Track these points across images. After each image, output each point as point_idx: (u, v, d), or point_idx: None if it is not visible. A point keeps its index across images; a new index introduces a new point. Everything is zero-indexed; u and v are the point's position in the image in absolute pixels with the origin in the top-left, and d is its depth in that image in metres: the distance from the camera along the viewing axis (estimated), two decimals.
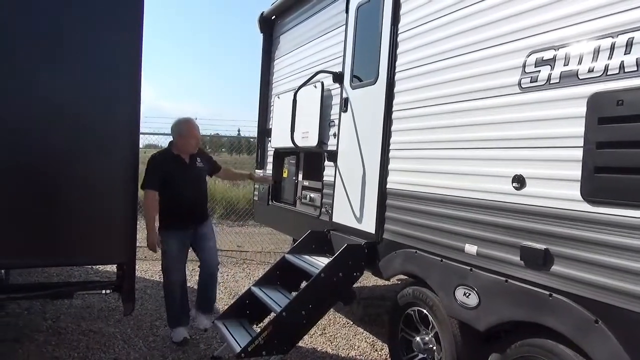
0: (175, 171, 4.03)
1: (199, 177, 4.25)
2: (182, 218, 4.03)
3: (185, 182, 4.05)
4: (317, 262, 3.89)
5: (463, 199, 2.78)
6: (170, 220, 4.00)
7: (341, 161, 4.18)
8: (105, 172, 2.94)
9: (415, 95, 3.29)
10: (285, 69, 5.57)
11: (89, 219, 2.91)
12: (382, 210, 3.55)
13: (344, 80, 4.19)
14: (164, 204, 3.96)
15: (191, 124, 4.17)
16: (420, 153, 3.21)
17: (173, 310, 4.17)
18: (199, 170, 4.23)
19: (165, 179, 3.96)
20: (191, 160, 4.16)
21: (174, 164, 4.05)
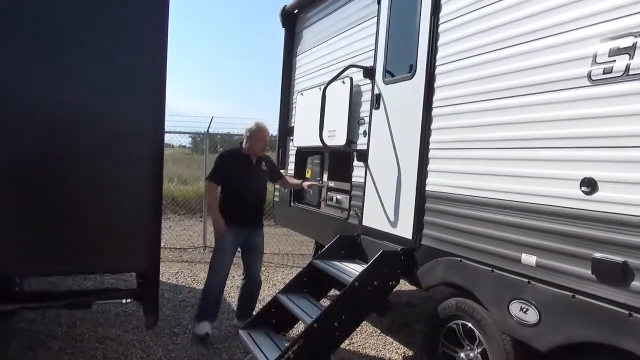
0: (241, 170, 4.19)
1: (261, 179, 4.37)
2: (239, 216, 4.14)
3: (247, 181, 4.20)
4: (348, 268, 3.65)
5: (520, 204, 2.52)
6: (228, 215, 4.12)
7: (372, 161, 3.93)
8: (126, 173, 2.72)
9: (460, 90, 3.03)
10: (309, 65, 5.33)
11: (107, 223, 2.69)
12: (420, 215, 3.30)
13: (376, 76, 3.94)
14: (225, 200, 4.20)
15: (262, 128, 4.27)
16: (467, 153, 2.94)
17: (205, 304, 4.20)
18: (262, 174, 4.37)
19: (229, 175, 4.17)
20: (257, 162, 4.30)
21: (241, 162, 4.22)
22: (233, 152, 4.39)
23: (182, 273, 6.69)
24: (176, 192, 12.68)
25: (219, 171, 4.23)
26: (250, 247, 4.29)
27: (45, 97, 2.64)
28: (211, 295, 4.18)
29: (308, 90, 5.17)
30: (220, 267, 4.19)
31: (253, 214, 4.26)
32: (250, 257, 4.32)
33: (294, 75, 5.76)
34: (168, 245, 8.66)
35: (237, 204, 4.15)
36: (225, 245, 4.15)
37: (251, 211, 4.23)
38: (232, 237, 4.14)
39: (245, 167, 4.21)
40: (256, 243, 4.30)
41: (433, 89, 3.27)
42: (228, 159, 4.30)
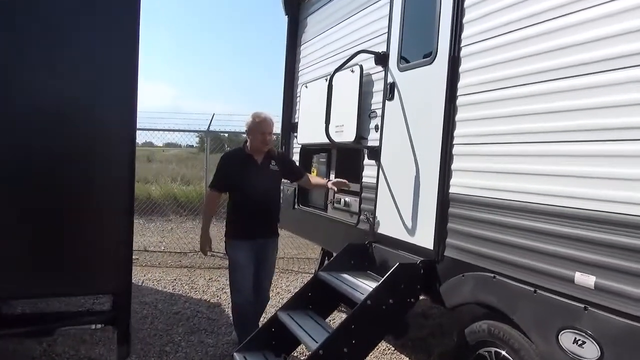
0: (244, 172, 3.67)
1: (270, 181, 3.79)
2: (248, 226, 3.65)
3: (253, 185, 3.65)
4: (359, 282, 3.18)
5: (574, 210, 2.04)
6: (236, 227, 3.69)
7: (386, 159, 3.46)
8: (93, 187, 2.28)
9: (490, 74, 2.56)
10: (314, 55, 4.87)
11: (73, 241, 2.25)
12: (443, 221, 2.82)
13: (389, 62, 3.47)
14: (231, 208, 3.74)
15: (260, 117, 3.73)
16: (500, 149, 2.47)
17: (240, 327, 3.72)
18: (272, 174, 3.79)
19: (232, 180, 3.67)
20: (264, 161, 3.76)
21: (244, 164, 3.69)
22: (235, 153, 3.87)
23: (179, 280, 6.26)
24: (179, 192, 12.27)
25: (219, 176, 3.74)
26: (263, 259, 3.78)
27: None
28: (244, 324, 3.65)
29: (313, 82, 4.71)
30: (241, 284, 3.66)
31: (262, 223, 3.70)
32: (259, 270, 3.79)
33: (298, 66, 5.30)
34: (168, 249, 8.24)
35: (243, 213, 3.65)
36: (241, 260, 3.65)
37: (260, 220, 3.67)
38: (247, 249, 3.64)
39: (249, 169, 3.67)
40: (266, 255, 3.78)
41: (457, 74, 2.80)
42: (228, 161, 3.78)
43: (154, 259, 7.54)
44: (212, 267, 7.17)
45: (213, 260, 7.57)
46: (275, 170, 3.77)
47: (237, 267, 3.68)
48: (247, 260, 3.65)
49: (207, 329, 4.50)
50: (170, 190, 12.33)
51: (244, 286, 3.66)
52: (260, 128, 3.67)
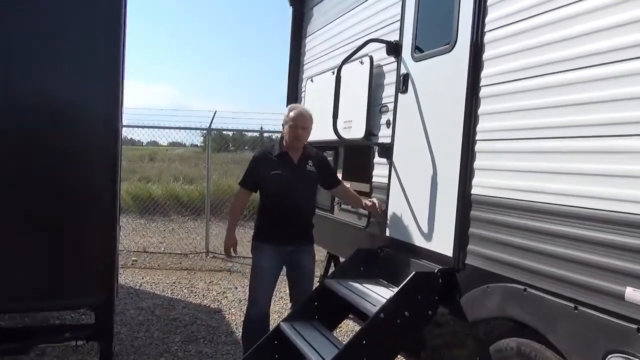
0: (276, 171, 3.31)
1: (305, 183, 3.40)
2: (278, 231, 3.30)
3: (285, 185, 3.29)
4: (370, 292, 2.91)
5: (624, 215, 1.76)
6: (265, 230, 3.37)
7: (398, 157, 3.18)
8: (73, 190, 2.01)
9: (520, 61, 2.28)
10: (320, 47, 4.59)
11: (50, 252, 1.99)
12: (464, 225, 2.55)
13: (403, 52, 3.19)
14: (261, 209, 3.44)
15: (294, 109, 3.41)
16: (531, 145, 2.19)
17: (245, 340, 3.35)
18: (308, 176, 3.40)
19: (263, 177, 3.34)
20: (301, 161, 3.38)
21: (277, 162, 3.34)
22: (269, 149, 3.49)
23: (179, 283, 6.01)
24: (181, 192, 12.04)
25: (250, 172, 3.43)
26: (295, 270, 3.42)
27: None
28: (251, 328, 3.30)
29: (319, 75, 4.45)
30: (259, 292, 3.32)
31: (294, 227, 3.30)
32: (295, 278, 3.44)
33: (303, 60, 5.03)
34: (169, 250, 8.00)
35: (273, 215, 3.32)
36: (261, 266, 3.32)
37: (291, 224, 3.28)
38: (269, 255, 3.31)
39: (283, 167, 3.30)
40: (302, 265, 3.39)
41: (480, 63, 2.52)
42: (261, 157, 3.42)
43: (154, 260, 7.29)
44: (213, 269, 6.92)
45: (214, 263, 7.33)
46: (312, 172, 3.38)
47: (258, 272, 3.35)
48: (270, 266, 3.31)
49: (206, 337, 4.24)
50: (172, 190, 12.10)
51: (261, 296, 3.31)
52: (293, 121, 3.32)
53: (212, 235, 8.19)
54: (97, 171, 2.01)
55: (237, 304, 5.25)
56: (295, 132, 3.31)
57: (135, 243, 8.18)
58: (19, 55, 2.31)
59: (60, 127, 2.09)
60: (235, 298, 5.46)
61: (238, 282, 6.13)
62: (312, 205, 3.50)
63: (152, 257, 7.46)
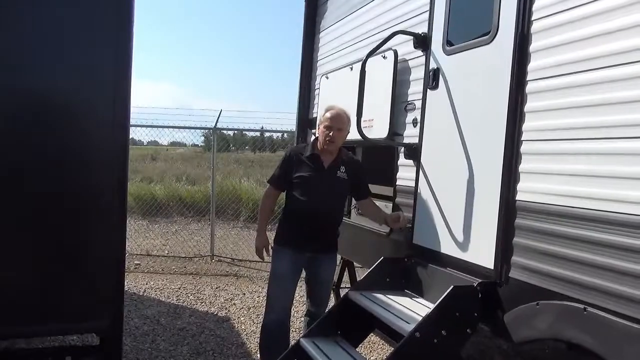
0: (305, 173, 3.10)
1: (334, 189, 3.15)
2: (298, 235, 3.09)
3: (312, 189, 3.07)
4: (400, 306, 2.67)
5: None
6: (285, 232, 3.17)
7: (428, 159, 2.94)
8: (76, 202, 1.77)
9: (574, 53, 2.04)
10: (336, 42, 4.35)
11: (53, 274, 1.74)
12: (508, 235, 2.30)
13: (432, 45, 2.95)
14: (285, 211, 3.24)
15: (330, 108, 3.15)
16: (591, 146, 1.95)
17: (264, 348, 3.17)
18: (338, 182, 3.14)
19: (291, 178, 3.13)
20: (332, 165, 3.13)
21: (306, 163, 3.12)
22: (301, 148, 3.28)
23: (184, 289, 5.76)
24: (184, 192, 11.80)
25: (278, 171, 3.22)
26: (314, 278, 3.23)
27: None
28: (269, 337, 3.11)
29: (335, 72, 4.20)
30: (276, 298, 3.13)
31: (316, 233, 3.07)
32: (313, 290, 3.27)
33: (317, 55, 4.78)
34: (172, 253, 7.76)
35: (296, 218, 3.11)
36: (280, 271, 3.12)
37: (314, 230, 3.06)
38: (289, 259, 3.11)
39: (312, 170, 3.08)
40: (320, 274, 3.19)
41: (527, 55, 2.28)
42: (292, 156, 3.18)
43: (157, 264, 7.05)
44: (219, 274, 6.68)
45: (220, 267, 7.09)
46: (343, 179, 3.13)
47: (275, 277, 3.15)
48: (287, 272, 3.10)
49: (215, 349, 3.99)
50: (175, 191, 11.86)
51: (278, 303, 3.10)
52: (329, 121, 3.06)
53: (217, 238, 7.95)
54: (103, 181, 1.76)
55: (246, 311, 5.01)
56: (329, 133, 3.06)
57: (138, 245, 7.94)
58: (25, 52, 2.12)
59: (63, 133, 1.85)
60: (244, 305, 5.21)
61: (246, 288, 5.89)
62: (338, 213, 3.24)
63: (155, 261, 7.22)
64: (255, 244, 3.28)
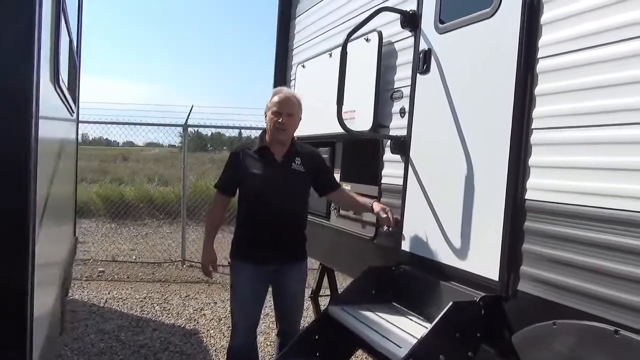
0: (255, 169, 2.67)
1: (291, 185, 2.72)
2: (258, 245, 2.67)
3: (266, 188, 2.66)
4: (388, 324, 2.29)
5: None
6: (242, 245, 2.73)
7: (418, 153, 2.58)
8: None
9: (599, 22, 1.69)
10: (313, 27, 3.97)
11: None
12: (515, 241, 1.95)
13: (422, 23, 2.60)
14: (239, 218, 2.77)
15: (277, 92, 2.75)
16: (622, 133, 1.60)
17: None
18: (295, 176, 2.73)
19: (240, 179, 2.71)
20: (286, 158, 2.73)
21: (255, 158, 2.70)
22: (248, 144, 2.86)
23: (150, 299, 5.30)
24: (155, 193, 11.27)
25: (226, 174, 2.80)
26: (282, 293, 2.81)
27: None
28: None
29: (312, 60, 3.83)
30: (240, 321, 2.73)
31: (279, 241, 2.66)
32: (282, 307, 2.85)
33: (292, 43, 4.39)
34: (140, 258, 7.27)
35: (250, 227, 2.69)
36: (242, 289, 2.70)
37: (276, 237, 2.65)
38: (251, 275, 2.67)
39: (264, 166, 2.67)
40: (289, 287, 2.78)
41: (537, 27, 1.93)
42: (239, 153, 2.75)
43: (123, 271, 6.56)
44: (190, 281, 6.24)
45: (191, 273, 6.64)
46: (300, 172, 2.72)
47: (236, 298, 2.73)
48: (250, 291, 2.69)
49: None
50: (146, 192, 11.32)
51: (243, 326, 2.71)
52: (276, 106, 2.66)
53: (189, 241, 7.50)
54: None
55: (217, 323, 4.59)
56: (278, 119, 2.65)
57: (103, 251, 7.44)
58: None
59: None
60: (215, 316, 4.79)
61: (217, 296, 5.46)
62: (300, 214, 2.82)
63: (121, 267, 6.73)
64: (202, 260, 2.84)
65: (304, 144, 2.91)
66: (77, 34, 3.52)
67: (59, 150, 2.41)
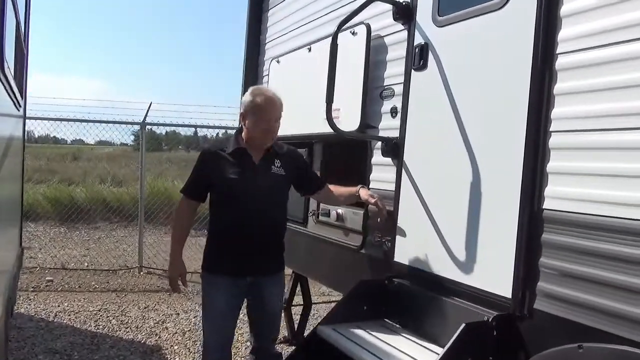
0: (231, 174, 2.41)
1: (271, 190, 2.47)
2: (233, 256, 2.43)
3: (244, 194, 2.40)
4: (388, 346, 2.08)
5: None
6: (215, 255, 2.49)
7: (414, 156, 2.38)
8: None
9: (629, 14, 1.54)
10: (289, 19, 3.71)
11: None
12: (531, 255, 1.78)
13: (418, 15, 2.40)
14: (211, 227, 2.53)
15: (263, 94, 2.45)
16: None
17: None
18: (275, 181, 2.48)
19: (215, 185, 2.45)
20: (264, 160, 2.48)
21: (230, 161, 2.43)
22: (220, 145, 2.62)
23: (106, 311, 4.88)
24: (109, 195, 10.66)
25: (194, 177, 2.53)
26: (258, 308, 2.55)
27: None
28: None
29: (288, 55, 3.58)
30: (213, 338, 2.49)
31: (256, 251, 2.42)
32: (258, 323, 2.61)
33: (265, 37, 4.12)
34: (93, 265, 6.77)
35: (227, 234, 2.44)
36: (215, 304, 2.46)
37: (253, 247, 2.41)
38: (224, 289, 2.44)
39: (240, 170, 2.42)
40: (266, 302, 2.52)
41: (556, 21, 1.76)
42: (210, 156, 2.50)
43: (74, 280, 6.07)
44: (149, 289, 5.82)
45: (149, 281, 6.22)
46: (280, 175, 2.48)
47: (208, 313, 2.48)
48: (223, 306, 2.43)
49: None
50: (98, 193, 10.70)
51: (216, 344, 2.47)
52: (263, 111, 2.39)
53: (147, 246, 7.06)
54: None
55: (180, 337, 4.25)
56: (267, 126, 2.40)
57: (52, 258, 6.88)
58: None
59: None
60: (178, 329, 4.44)
61: (180, 307, 5.10)
62: (280, 221, 2.57)
63: (72, 276, 6.22)
64: (169, 273, 2.58)
65: (282, 144, 2.65)
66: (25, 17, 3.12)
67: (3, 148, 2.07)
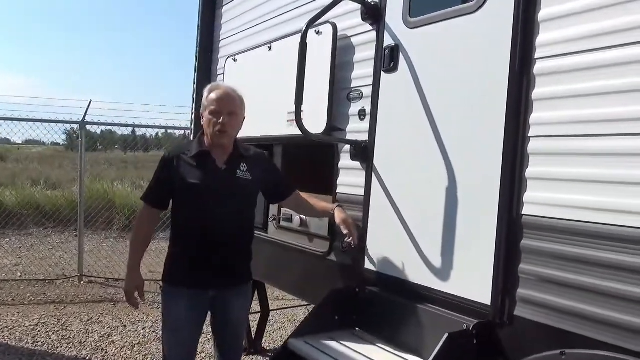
0: (193, 179, 2.26)
1: (236, 196, 2.32)
2: (195, 267, 2.27)
3: (207, 200, 2.26)
4: (357, 355, 2.00)
5: None
6: (177, 266, 2.32)
7: (384, 160, 2.32)
8: None
9: (608, 21, 1.55)
10: (247, 16, 3.56)
11: None
12: (511, 261, 1.76)
13: (387, 15, 2.34)
14: (173, 236, 2.37)
15: (215, 88, 2.34)
16: (634, 144, 1.46)
17: None
18: (241, 186, 2.32)
19: (174, 189, 2.30)
20: (229, 164, 2.32)
21: (192, 165, 2.29)
22: (182, 148, 2.42)
23: (44, 325, 4.52)
24: (42, 198, 9.99)
25: (156, 183, 2.37)
26: (222, 322, 2.40)
27: None
28: None
29: (246, 53, 3.44)
30: (173, 350, 2.33)
31: (221, 262, 2.27)
32: (222, 336, 2.44)
33: (219, 34, 3.95)
34: (27, 274, 6.28)
35: (189, 244, 2.28)
36: (175, 318, 2.30)
37: (217, 257, 2.26)
38: (186, 303, 2.27)
39: (202, 173, 2.27)
40: (231, 316, 2.38)
41: (534, 26, 1.75)
42: (173, 159, 2.31)
43: (6, 292, 5.60)
44: (92, 300, 5.46)
45: (91, 290, 5.85)
46: (246, 180, 2.33)
47: (169, 328, 2.32)
48: (185, 320, 2.28)
49: None
50: (30, 196, 9.99)
51: (178, 357, 2.33)
52: (216, 104, 2.26)
53: (86, 253, 6.64)
54: None
55: (129, 351, 4.00)
56: (217, 120, 2.25)
57: None
58: None
59: None
60: (126, 342, 4.17)
61: (126, 318, 4.81)
62: (247, 229, 2.43)
63: (4, 287, 5.74)
64: (125, 287, 2.41)
65: (249, 146, 2.52)
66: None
67: None
